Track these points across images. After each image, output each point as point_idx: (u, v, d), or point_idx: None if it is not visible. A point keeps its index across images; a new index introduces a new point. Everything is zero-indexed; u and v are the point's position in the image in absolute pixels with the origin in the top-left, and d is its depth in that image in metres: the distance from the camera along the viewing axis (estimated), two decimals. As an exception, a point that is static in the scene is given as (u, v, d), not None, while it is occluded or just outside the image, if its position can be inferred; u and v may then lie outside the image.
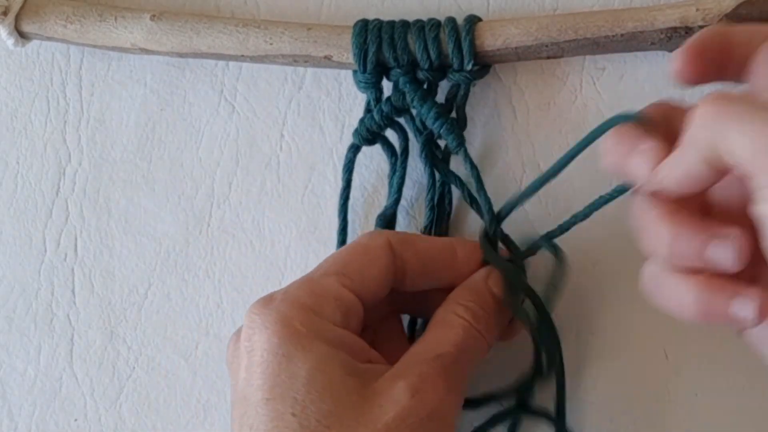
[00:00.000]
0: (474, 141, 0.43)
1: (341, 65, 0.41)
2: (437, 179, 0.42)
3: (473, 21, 0.41)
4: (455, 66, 0.40)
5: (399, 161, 0.42)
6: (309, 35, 0.41)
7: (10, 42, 0.43)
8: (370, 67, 0.41)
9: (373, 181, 0.44)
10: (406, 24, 0.41)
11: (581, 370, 0.42)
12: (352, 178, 0.42)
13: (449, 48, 0.40)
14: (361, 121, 0.42)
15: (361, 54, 0.40)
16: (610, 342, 0.42)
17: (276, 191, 0.44)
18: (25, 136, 0.45)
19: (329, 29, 0.41)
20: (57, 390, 0.44)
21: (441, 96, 0.42)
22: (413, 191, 0.43)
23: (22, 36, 0.43)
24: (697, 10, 0.39)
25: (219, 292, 0.44)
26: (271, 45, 0.41)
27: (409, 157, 0.42)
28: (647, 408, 0.41)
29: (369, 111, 0.42)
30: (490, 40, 0.40)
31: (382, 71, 0.41)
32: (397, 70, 0.41)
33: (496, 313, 0.38)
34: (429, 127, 0.41)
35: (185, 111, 0.45)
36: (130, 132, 0.45)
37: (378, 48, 0.41)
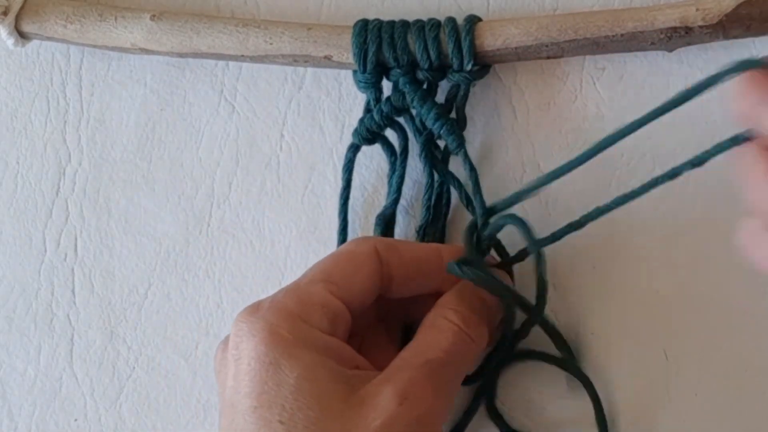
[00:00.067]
0: (474, 141, 0.43)
1: (341, 65, 0.41)
2: (436, 180, 0.42)
3: (473, 21, 0.41)
4: (455, 66, 0.40)
5: (398, 161, 0.42)
6: (309, 35, 0.41)
7: (10, 42, 0.43)
8: (370, 67, 0.41)
9: (373, 181, 0.44)
10: (406, 24, 0.41)
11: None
12: (352, 178, 0.42)
13: (449, 48, 0.40)
14: (361, 121, 0.42)
15: (361, 54, 0.40)
16: (610, 342, 0.42)
17: (276, 191, 0.44)
18: (25, 136, 0.45)
19: (329, 29, 0.41)
20: (57, 390, 0.44)
21: (441, 96, 0.42)
22: (413, 191, 0.43)
23: (22, 36, 0.43)
24: (697, 10, 0.39)
25: (219, 292, 0.44)
26: (271, 45, 0.41)
27: (409, 157, 0.42)
28: (647, 408, 0.41)
29: (369, 111, 0.42)
30: (490, 40, 0.40)
31: (382, 71, 0.41)
32: (397, 70, 0.41)
33: (486, 317, 0.38)
34: (429, 128, 0.41)
35: (185, 111, 0.45)
36: (130, 132, 0.45)
37: (378, 48, 0.41)
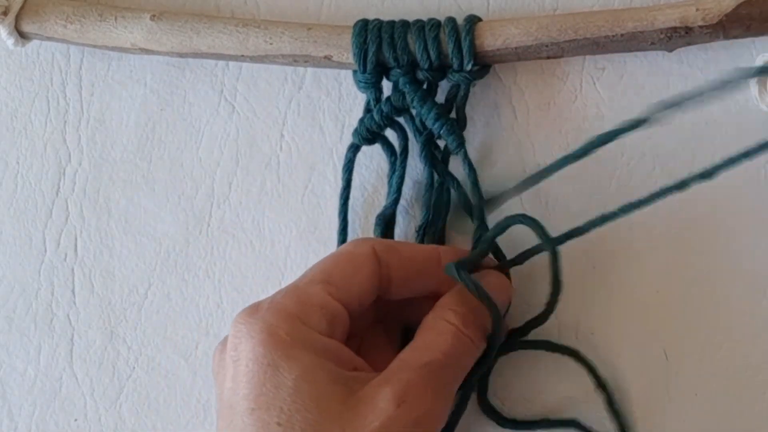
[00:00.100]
0: (474, 141, 0.43)
1: (341, 65, 0.41)
2: (436, 180, 0.42)
3: (473, 21, 0.41)
4: (455, 66, 0.40)
5: (398, 161, 0.42)
6: (309, 35, 0.41)
7: (10, 42, 0.43)
8: (370, 67, 0.41)
9: (373, 181, 0.44)
10: (406, 24, 0.41)
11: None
12: (352, 177, 0.42)
13: (449, 48, 0.40)
14: (361, 121, 0.42)
15: (361, 54, 0.40)
16: (610, 342, 0.42)
17: (276, 191, 0.44)
18: (25, 136, 0.45)
19: (329, 29, 0.41)
20: (57, 390, 0.44)
21: (441, 96, 0.42)
22: (413, 191, 0.43)
23: (22, 36, 0.43)
24: (697, 10, 0.39)
25: (219, 292, 0.44)
26: (271, 45, 0.41)
27: (409, 157, 0.42)
28: (647, 408, 0.41)
29: (369, 111, 0.42)
30: (490, 40, 0.40)
31: (382, 71, 0.41)
32: (397, 70, 0.41)
33: (486, 319, 0.38)
34: (429, 128, 0.41)
35: (185, 111, 0.45)
36: (130, 132, 0.45)
37: (378, 48, 0.40)
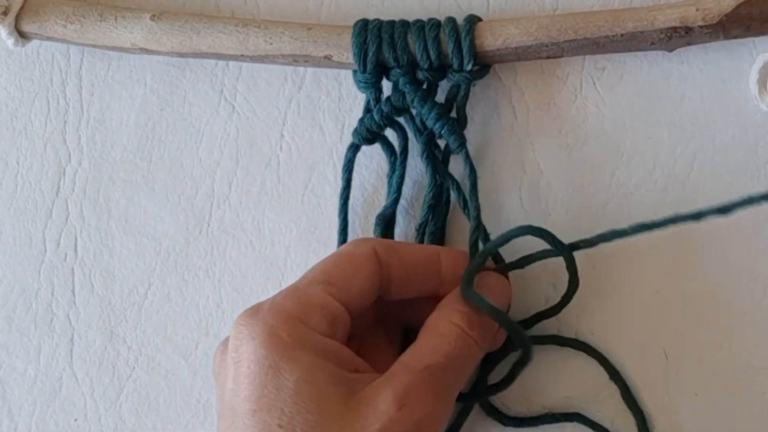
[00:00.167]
0: (474, 141, 0.43)
1: (341, 65, 0.41)
2: (437, 179, 0.42)
3: (473, 21, 0.41)
4: (455, 66, 0.40)
5: (399, 161, 0.42)
6: (309, 35, 0.41)
7: (10, 42, 0.43)
8: (370, 67, 0.41)
9: (373, 181, 0.44)
10: (406, 24, 0.41)
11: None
12: (352, 177, 0.42)
13: (449, 48, 0.40)
14: (361, 121, 0.42)
15: (361, 54, 0.40)
16: (610, 342, 0.42)
17: (276, 191, 0.44)
18: (25, 136, 0.45)
19: (329, 29, 0.41)
20: (57, 390, 0.44)
21: (441, 96, 0.42)
22: (413, 191, 0.43)
23: (22, 36, 0.43)
24: (697, 10, 0.39)
25: (219, 292, 0.44)
26: (271, 45, 0.41)
27: (409, 157, 0.42)
28: (647, 408, 0.41)
29: (369, 111, 0.42)
30: (490, 40, 0.40)
31: (382, 71, 0.41)
32: (397, 70, 0.41)
33: (490, 319, 0.38)
34: (429, 128, 0.41)
35: (185, 111, 0.45)
36: (130, 132, 0.45)
37: (378, 48, 0.40)
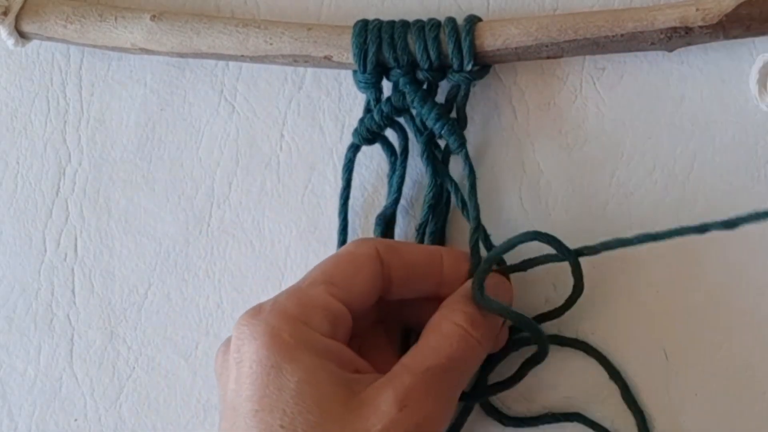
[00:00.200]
0: (474, 141, 0.43)
1: (341, 65, 0.41)
2: (437, 179, 0.42)
3: (473, 21, 0.41)
4: (455, 66, 0.40)
5: (399, 161, 0.42)
6: (309, 35, 0.41)
7: (10, 42, 0.43)
8: (370, 68, 0.41)
9: (373, 181, 0.44)
10: (406, 24, 0.41)
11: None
12: (352, 177, 0.42)
13: (449, 48, 0.40)
14: (361, 121, 0.42)
15: (361, 54, 0.40)
16: (610, 342, 0.42)
17: (276, 191, 0.44)
18: (25, 136, 0.45)
19: (329, 29, 0.41)
20: (57, 390, 0.44)
21: (441, 96, 0.42)
22: (413, 191, 0.43)
23: (22, 36, 0.43)
24: (697, 10, 0.39)
25: (219, 292, 0.44)
26: (271, 45, 0.41)
27: (409, 157, 0.42)
28: (647, 408, 0.41)
29: (369, 111, 0.42)
30: (490, 40, 0.40)
31: (382, 71, 0.41)
32: (397, 70, 0.41)
33: (493, 319, 0.38)
34: (429, 128, 0.41)
35: (185, 111, 0.45)
36: (130, 132, 0.45)
37: (378, 48, 0.40)
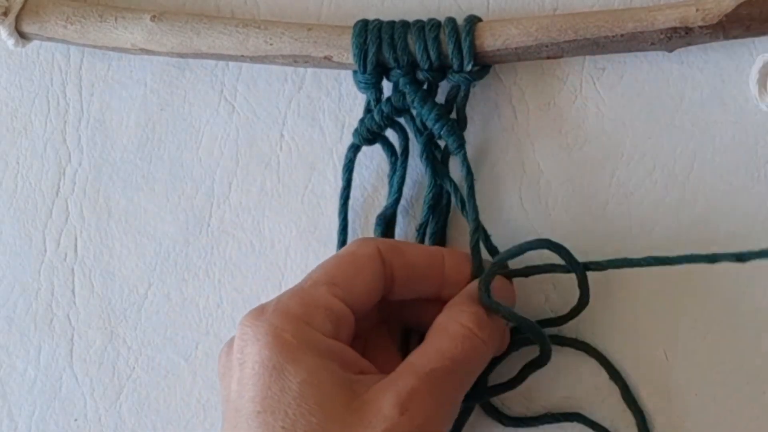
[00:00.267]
0: (474, 141, 0.43)
1: (341, 65, 0.41)
2: (437, 180, 0.42)
3: (473, 21, 0.41)
4: (455, 67, 0.40)
5: (399, 161, 0.42)
6: (309, 35, 0.41)
7: (10, 42, 0.43)
8: (370, 68, 0.41)
9: (373, 181, 0.44)
10: (406, 24, 0.41)
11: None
12: (352, 178, 0.42)
13: (449, 48, 0.40)
14: (361, 121, 0.42)
15: (361, 54, 0.40)
16: (610, 342, 0.42)
17: (276, 191, 0.44)
18: (25, 136, 0.45)
19: (329, 29, 0.41)
20: (57, 390, 0.44)
21: (441, 96, 0.42)
22: (413, 191, 0.43)
23: (22, 36, 0.43)
24: (697, 10, 0.39)
25: (219, 292, 0.44)
26: (271, 45, 0.41)
27: (410, 157, 0.42)
28: (647, 408, 0.41)
29: (369, 111, 0.42)
30: (490, 40, 0.40)
31: (382, 72, 0.41)
32: (397, 70, 0.41)
33: (499, 320, 0.38)
34: (429, 128, 0.41)
35: (185, 111, 0.45)
36: (130, 132, 0.45)
37: (378, 48, 0.40)
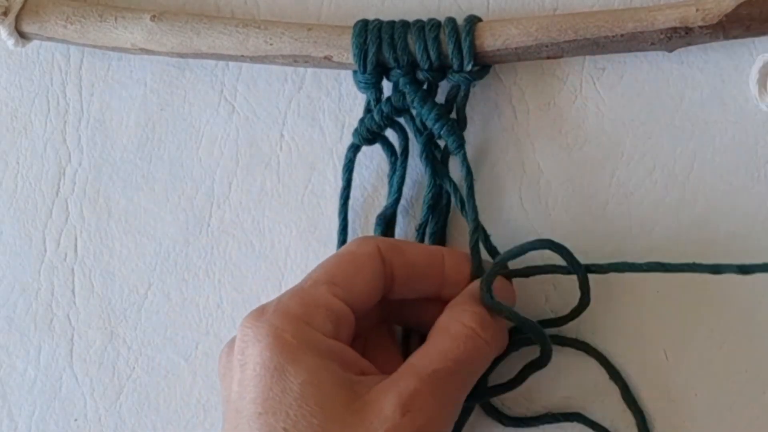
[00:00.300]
0: (474, 141, 0.43)
1: (341, 65, 0.41)
2: (436, 180, 0.42)
3: (473, 21, 0.41)
4: (455, 67, 0.40)
5: (399, 161, 0.42)
6: (309, 35, 0.41)
7: (10, 42, 0.43)
8: (370, 68, 0.41)
9: (373, 181, 0.44)
10: (406, 24, 0.41)
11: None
12: (352, 178, 0.42)
13: (449, 48, 0.40)
14: (361, 121, 0.42)
15: (361, 54, 0.40)
16: (610, 342, 0.42)
17: (276, 191, 0.44)
18: (25, 136, 0.45)
19: (329, 29, 0.41)
20: (57, 390, 0.44)
21: (441, 96, 0.42)
22: (413, 191, 0.43)
23: (22, 36, 0.43)
24: (697, 10, 0.39)
25: (219, 292, 0.44)
26: (271, 45, 0.41)
27: (410, 157, 0.42)
28: (647, 408, 0.41)
29: (369, 111, 0.42)
30: (490, 40, 0.40)
31: (382, 71, 0.41)
32: (397, 70, 0.41)
33: (501, 321, 0.38)
34: (429, 128, 0.41)
35: (185, 111, 0.45)
36: (130, 132, 0.45)
37: (378, 48, 0.40)
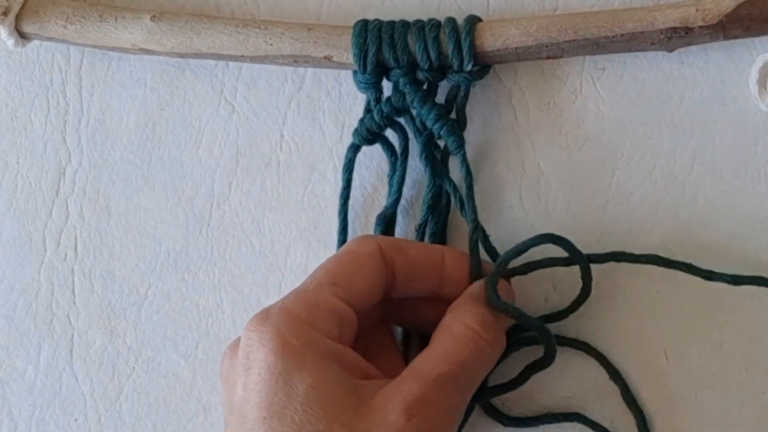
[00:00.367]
0: (474, 141, 0.43)
1: (341, 65, 0.41)
2: (436, 180, 0.42)
3: (473, 21, 0.41)
4: (455, 67, 0.40)
5: (399, 161, 0.42)
6: (309, 35, 0.41)
7: (10, 42, 0.43)
8: (370, 68, 0.41)
9: (373, 181, 0.44)
10: (406, 24, 0.41)
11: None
12: (352, 178, 0.42)
13: (449, 48, 0.40)
14: (361, 121, 0.42)
15: (361, 54, 0.40)
16: (610, 342, 0.42)
17: (276, 191, 0.44)
18: (25, 136, 0.45)
19: (329, 29, 0.41)
20: (57, 390, 0.44)
21: (441, 96, 0.42)
22: (413, 191, 0.43)
23: (22, 36, 0.43)
24: (697, 10, 0.39)
25: (219, 292, 0.44)
26: (271, 45, 0.41)
27: (409, 157, 0.42)
28: (647, 408, 0.41)
29: (369, 111, 0.42)
30: (490, 40, 0.40)
31: (382, 72, 0.41)
32: (397, 70, 0.41)
33: (503, 321, 0.38)
34: (429, 128, 0.41)
35: (185, 111, 0.45)
36: (130, 132, 0.45)
37: (378, 48, 0.40)
